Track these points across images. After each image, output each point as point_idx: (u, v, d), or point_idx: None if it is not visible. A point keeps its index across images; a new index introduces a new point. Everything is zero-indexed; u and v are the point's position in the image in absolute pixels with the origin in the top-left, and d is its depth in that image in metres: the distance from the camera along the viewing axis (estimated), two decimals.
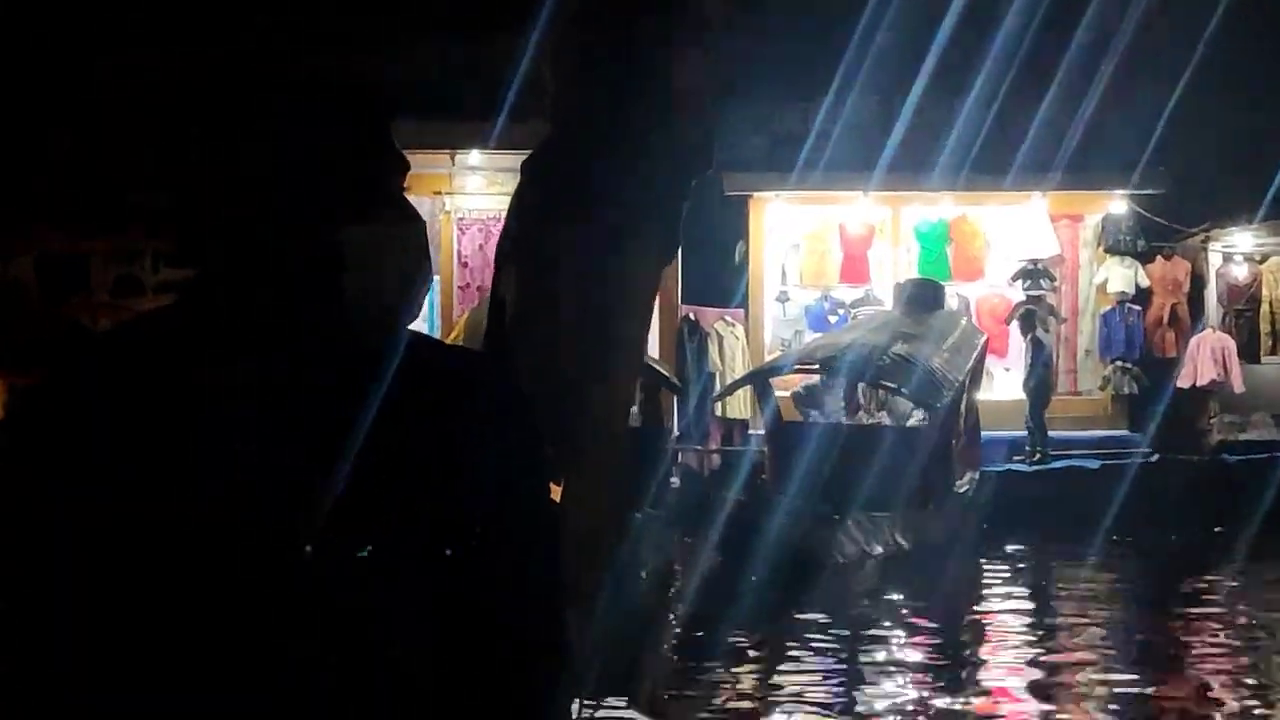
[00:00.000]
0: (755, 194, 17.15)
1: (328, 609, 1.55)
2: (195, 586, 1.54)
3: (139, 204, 11.75)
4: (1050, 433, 15.52)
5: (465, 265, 16.68)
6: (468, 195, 16.63)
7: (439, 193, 16.48)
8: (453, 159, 15.78)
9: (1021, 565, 12.25)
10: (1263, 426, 16.69)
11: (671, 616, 8.54)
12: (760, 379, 12.62)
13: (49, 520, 1.55)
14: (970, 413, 12.27)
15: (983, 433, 14.12)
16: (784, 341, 17.42)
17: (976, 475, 12.26)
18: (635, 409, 13.15)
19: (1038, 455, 15.16)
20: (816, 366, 12.79)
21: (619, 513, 9.02)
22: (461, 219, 16.65)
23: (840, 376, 12.91)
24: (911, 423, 14.70)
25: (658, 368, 12.45)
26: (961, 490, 11.93)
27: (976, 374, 12.48)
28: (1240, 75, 16.92)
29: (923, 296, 12.95)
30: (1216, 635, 9.49)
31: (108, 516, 1.53)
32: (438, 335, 14.27)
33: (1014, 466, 14.87)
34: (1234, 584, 11.59)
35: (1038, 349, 15.24)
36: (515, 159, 14.02)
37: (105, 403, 1.58)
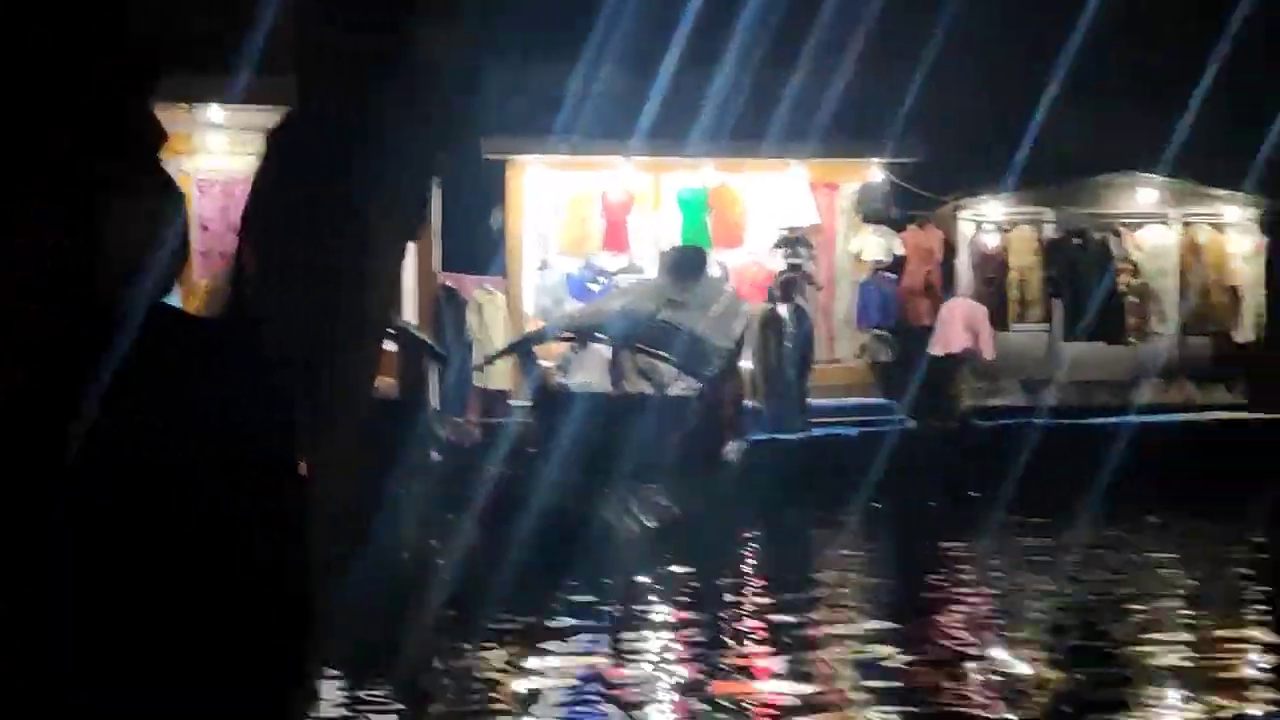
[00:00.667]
0: (514, 158, 16.69)
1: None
2: None
3: None
4: (810, 401, 15.53)
5: (206, 229, 15.71)
6: (209, 155, 15.67)
7: (177, 152, 15.47)
8: (191, 114, 14.79)
9: (785, 533, 12.15)
10: (1012, 393, 17.11)
11: (433, 596, 8.06)
12: (524, 348, 12.17)
13: None
14: (735, 381, 12.09)
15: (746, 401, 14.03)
16: (545, 310, 17.01)
17: (744, 444, 12.09)
18: (395, 379, 12.58)
19: (799, 424, 15.14)
20: (585, 334, 12.40)
21: (371, 485, 8.51)
22: (202, 180, 15.66)
23: (606, 344, 12.58)
24: (675, 392, 14.52)
25: (420, 336, 11.86)
26: (729, 459, 11.74)
27: (741, 342, 12.31)
28: (991, 45, 17.28)
29: (688, 264, 12.71)
30: (968, 596, 9.49)
31: None
32: (178, 301, 13.21)
33: (776, 435, 14.81)
34: (986, 546, 11.69)
35: (800, 317, 15.20)
36: (261, 116, 13.17)
37: None
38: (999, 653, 7.60)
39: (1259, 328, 17.47)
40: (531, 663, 7.04)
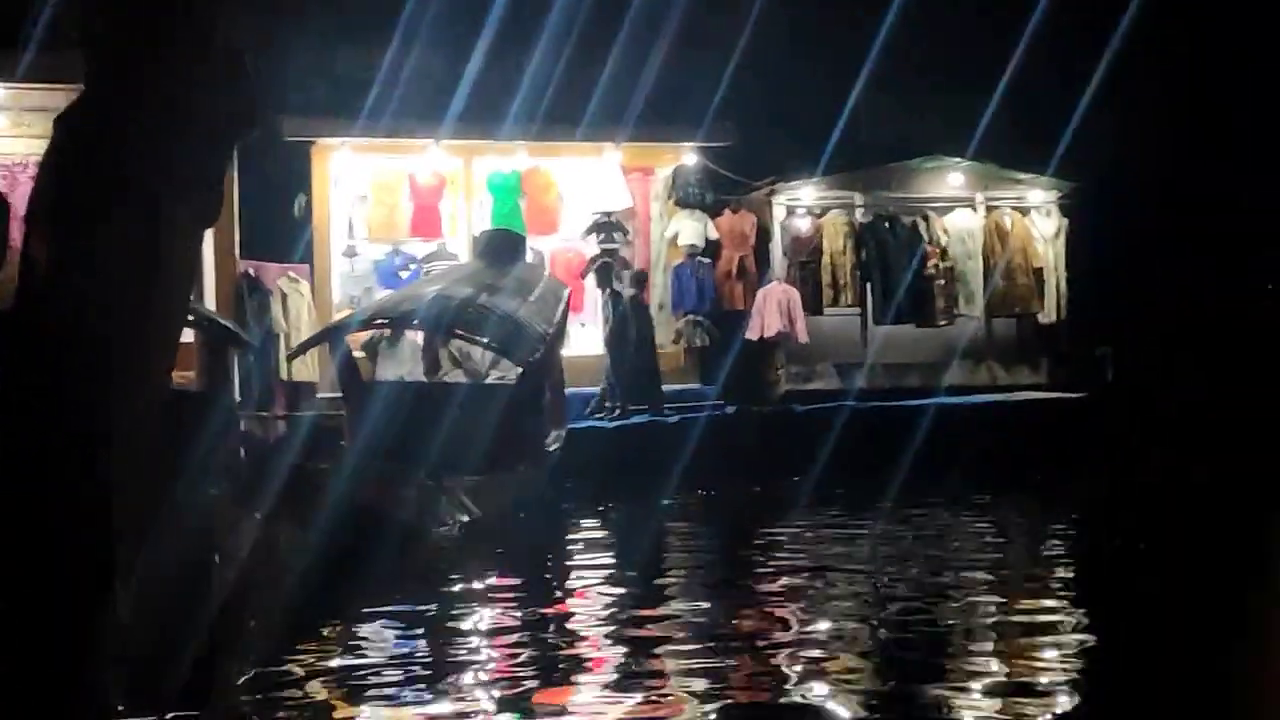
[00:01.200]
0: (318, 140, 16.07)
1: None
2: None
3: None
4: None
5: (12, 218, 14.73)
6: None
7: None
8: None
9: (607, 523, 11.92)
10: (826, 376, 17.19)
11: (244, 606, 7.58)
12: (336, 335, 11.65)
13: None
14: (555, 368, 11.79)
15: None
16: (353, 299, 16.47)
17: (563, 433, 11.81)
18: (196, 371, 11.97)
19: (617, 410, 14.94)
20: (397, 320, 11.92)
21: (163, 482, 7.95)
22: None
23: (420, 331, 12.16)
24: (491, 379, 14.17)
25: (223, 323, 11.25)
26: (551, 449, 11.44)
27: (561, 328, 12.00)
28: (802, 30, 17.33)
29: (504, 247, 12.34)
30: (783, 574, 9.39)
31: None
32: None
33: (594, 423, 14.60)
34: (802, 527, 11.66)
35: (615, 302, 14.98)
36: (46, 96, 12.35)
37: None
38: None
39: (1060, 309, 17.89)
40: (343, 673, 6.64)
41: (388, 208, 16.58)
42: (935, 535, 11.26)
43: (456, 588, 8.42)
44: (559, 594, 8.59)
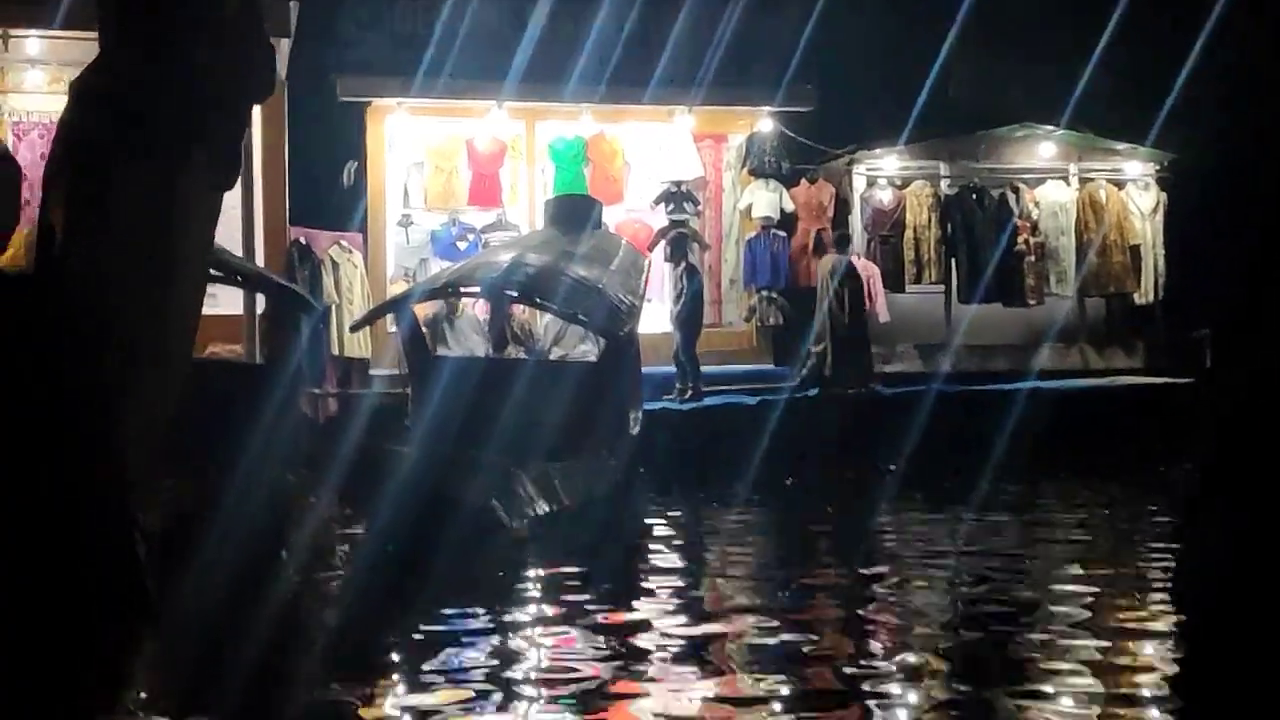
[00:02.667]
0: (374, 101, 15.15)
1: None
2: None
3: None
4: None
5: (24, 179, 13.89)
6: (25, 94, 13.86)
7: None
8: (5, 45, 13.01)
9: (690, 515, 10.91)
10: (908, 358, 16.17)
11: (320, 614, 6.72)
12: (402, 306, 10.70)
13: None
14: (635, 344, 10.85)
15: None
16: (408, 270, 15.58)
17: (640, 414, 10.85)
18: (261, 341, 11.09)
19: (690, 392, 13.98)
20: (471, 289, 10.94)
21: (220, 461, 7.08)
22: (18, 122, 13.88)
23: (490, 301, 11.25)
24: (557, 356, 13.27)
25: (291, 286, 10.33)
26: (634, 432, 10.48)
27: (643, 298, 11.02)
28: None
29: (579, 214, 11.35)
30: (879, 570, 8.39)
31: None
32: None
33: (667, 405, 13.64)
34: (899, 518, 10.68)
35: (691, 277, 14.00)
36: (85, 47, 11.44)
37: None
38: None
39: (1157, 289, 16.80)
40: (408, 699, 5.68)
41: (445, 174, 15.67)
42: (1039, 529, 10.28)
43: (537, 590, 7.47)
44: (644, 600, 7.61)
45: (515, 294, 10.41)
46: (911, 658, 5.90)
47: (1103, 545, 9.76)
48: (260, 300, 11.91)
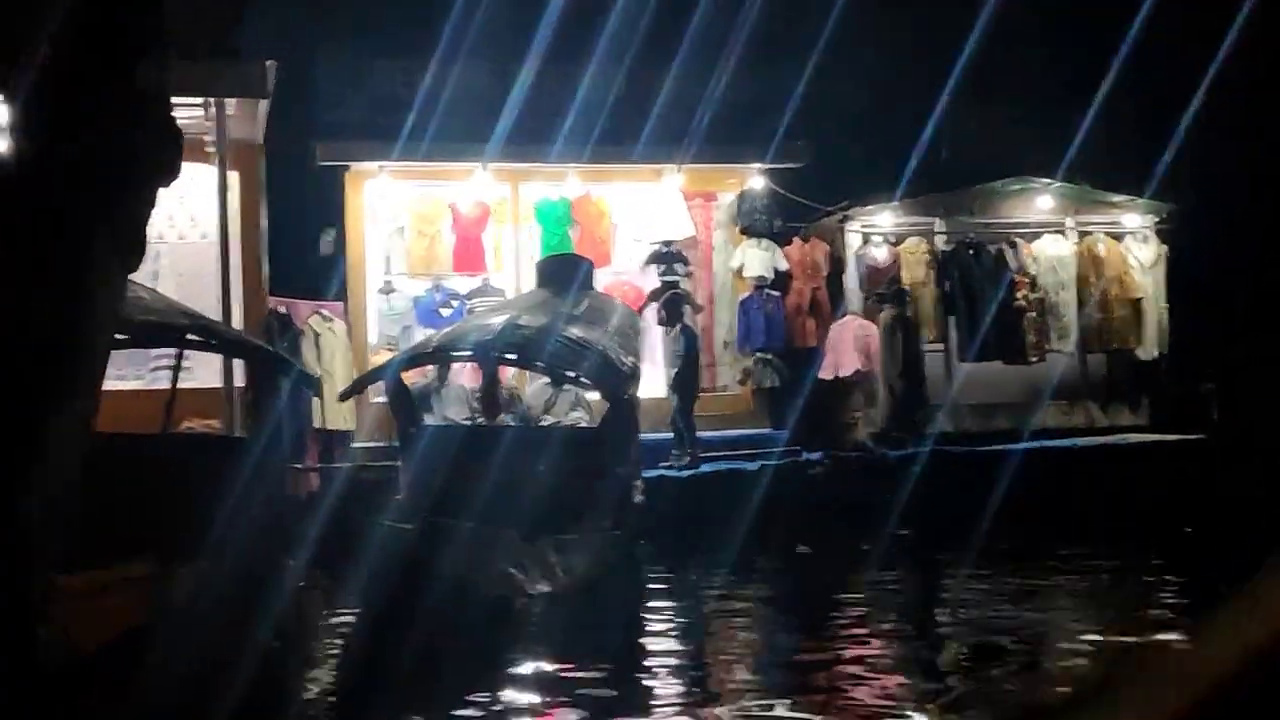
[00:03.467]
0: (353, 165, 14.70)
1: None
2: None
3: None
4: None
5: None
6: None
7: None
8: None
9: (703, 591, 10.35)
10: None
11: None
12: (391, 372, 10.16)
13: None
14: (636, 409, 10.35)
15: None
16: (390, 339, 15.05)
17: (641, 483, 10.32)
18: (243, 411, 10.54)
19: (688, 458, 13.47)
20: (467, 353, 10.40)
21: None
22: None
23: (484, 365, 10.77)
24: (548, 424, 12.75)
25: (272, 350, 9.80)
26: (638, 501, 9.93)
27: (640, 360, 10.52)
28: (879, 44, 15.97)
29: (571, 274, 10.88)
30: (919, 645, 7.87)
31: None
32: None
33: (664, 472, 13.11)
34: (919, 589, 10.20)
35: (688, 339, 13.53)
36: None
37: None
38: None
39: (1161, 343, 16.40)
40: None
41: (428, 239, 15.21)
42: (1064, 597, 9.79)
43: (535, 681, 6.89)
44: (651, 696, 7.04)
45: (512, 356, 9.90)
46: None
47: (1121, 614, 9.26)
48: (239, 373, 11.41)
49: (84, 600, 5.62)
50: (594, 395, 14.72)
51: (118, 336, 7.90)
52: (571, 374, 9.44)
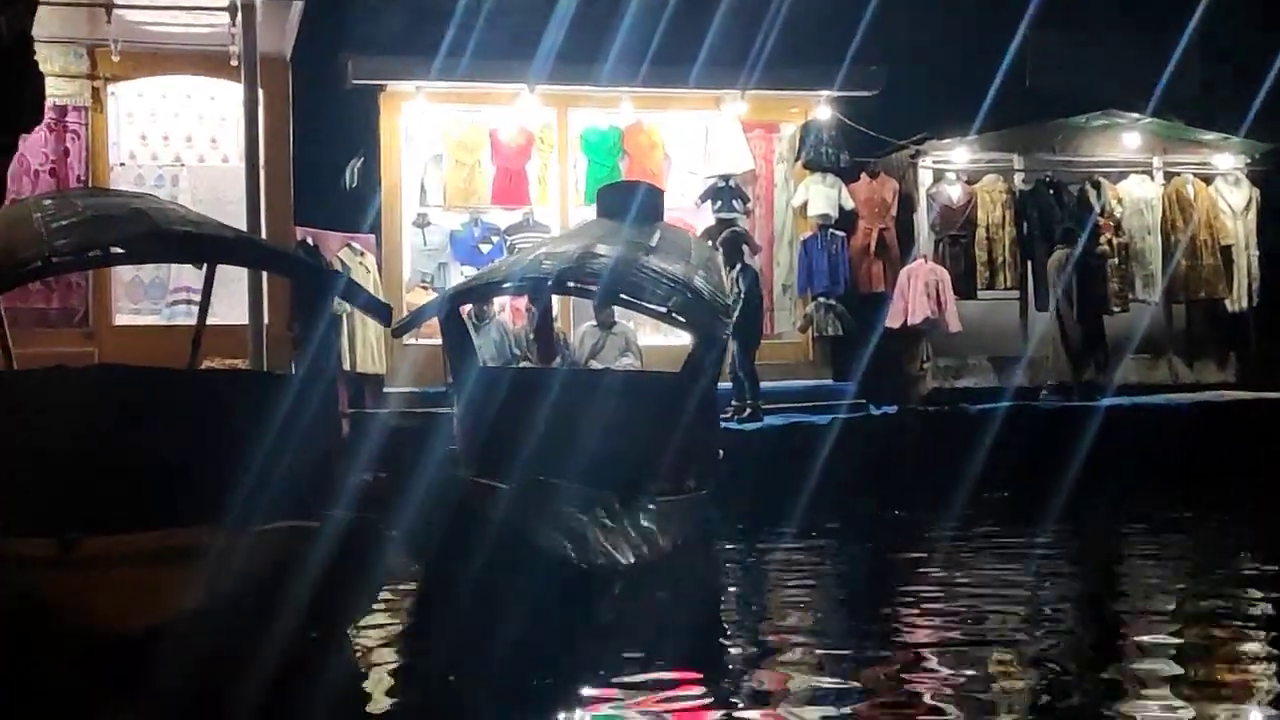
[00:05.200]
0: (389, 85, 13.50)
1: None
2: None
3: None
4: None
5: None
6: None
7: None
8: None
9: (792, 557, 9.26)
10: (980, 371, 14.57)
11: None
12: (446, 306, 8.98)
13: None
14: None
15: None
16: (425, 276, 13.94)
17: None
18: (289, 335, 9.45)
19: (748, 410, 12.37)
20: (536, 285, 9.17)
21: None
22: None
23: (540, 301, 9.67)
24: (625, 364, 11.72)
25: (309, 260, 8.63)
26: (721, 456, 8.82)
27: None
28: None
29: (641, 203, 9.69)
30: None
31: None
32: None
33: (725, 425, 11.99)
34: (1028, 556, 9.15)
35: (748, 282, 12.40)
36: (68, 17, 9.88)
37: None
38: None
39: (1251, 294, 15.23)
40: None
41: (467, 169, 14.03)
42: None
43: (627, 668, 5.81)
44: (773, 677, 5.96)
45: (594, 289, 8.73)
46: None
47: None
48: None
49: (118, 570, 4.58)
50: (647, 341, 13.73)
51: (153, 248, 6.72)
52: (661, 309, 8.28)
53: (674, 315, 8.28)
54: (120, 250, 6.03)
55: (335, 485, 6.23)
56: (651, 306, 8.33)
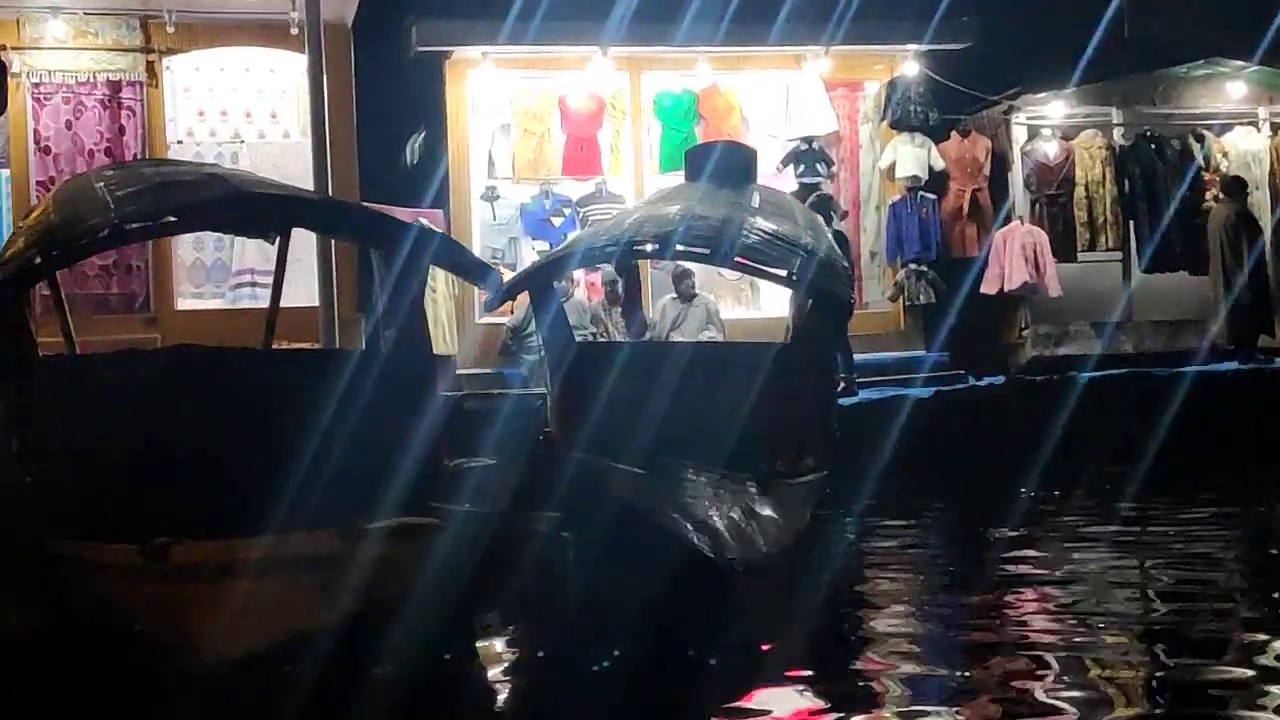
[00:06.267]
0: (455, 51, 12.85)
1: None
2: None
3: None
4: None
5: (47, 152, 11.72)
6: (44, 51, 11.65)
7: (2, 47, 11.48)
8: None
9: (931, 547, 8.56)
10: (1081, 339, 13.78)
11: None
12: (556, 273, 8.29)
13: None
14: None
15: None
16: (495, 252, 13.28)
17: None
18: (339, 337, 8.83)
19: (842, 384, 11.63)
20: (649, 248, 8.49)
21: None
22: (38, 84, 11.67)
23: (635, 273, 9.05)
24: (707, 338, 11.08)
25: (459, 245, 7.92)
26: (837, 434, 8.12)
27: None
28: None
29: (737, 165, 9.00)
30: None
31: None
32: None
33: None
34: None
35: (841, 246, 11.66)
36: None
37: None
38: None
39: None
40: None
41: (536, 138, 13.38)
42: None
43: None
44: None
45: (701, 253, 8.05)
46: None
47: None
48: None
49: (218, 582, 3.92)
50: (729, 314, 13.06)
51: (232, 213, 6.03)
52: (779, 272, 7.60)
53: (794, 278, 7.58)
54: (197, 215, 5.36)
55: (440, 475, 5.60)
56: (772, 270, 7.63)
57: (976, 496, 9.83)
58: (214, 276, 12.21)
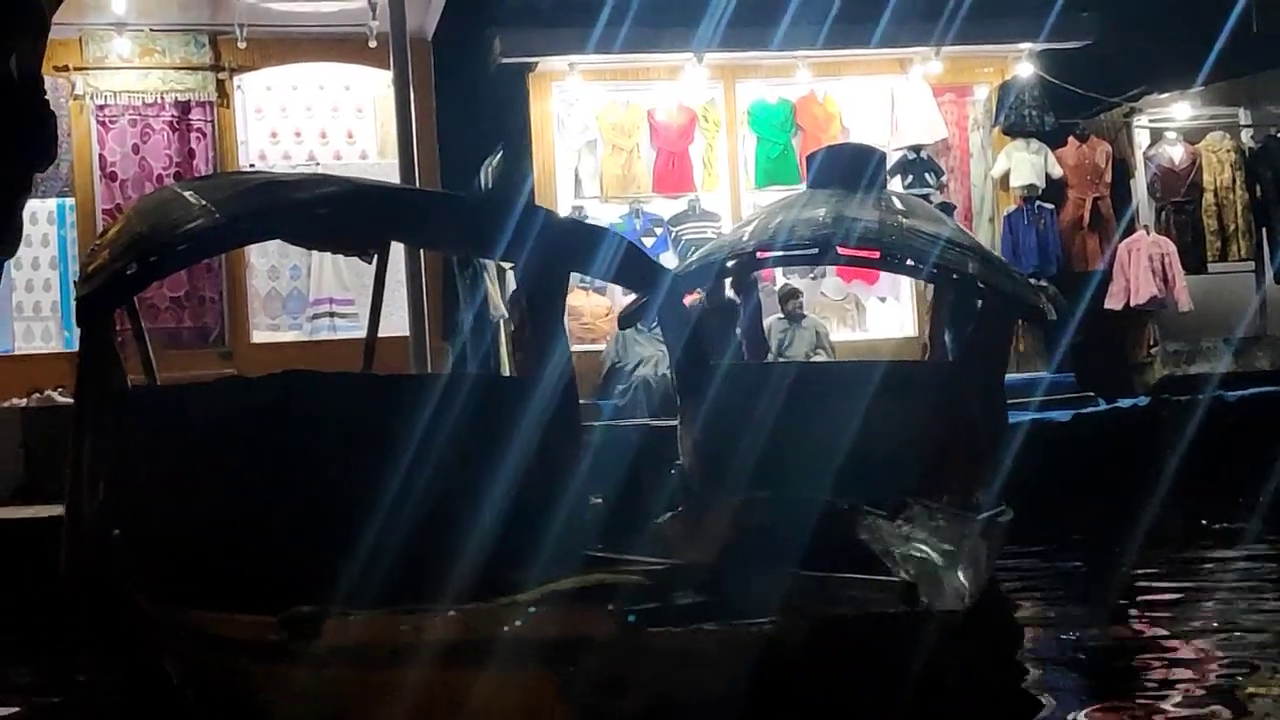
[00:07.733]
0: (540, 63, 12.09)
1: None
2: None
3: None
4: None
5: (113, 178, 11.03)
6: (108, 71, 10.97)
7: (64, 68, 10.81)
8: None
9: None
10: (1215, 356, 12.79)
11: None
12: (697, 283, 7.43)
13: None
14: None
15: None
16: (583, 278, 12.45)
17: None
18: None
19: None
20: (811, 251, 7.59)
21: None
22: (103, 106, 10.99)
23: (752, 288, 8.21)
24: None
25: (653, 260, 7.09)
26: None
27: None
28: None
29: (867, 169, 8.17)
30: None
31: None
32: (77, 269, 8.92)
33: None
34: None
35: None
36: (181, 10, 8.14)
37: None
38: None
39: None
40: None
41: (624, 154, 12.62)
42: None
43: None
44: None
45: (870, 258, 7.21)
46: None
47: None
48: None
49: (392, 668, 2.90)
50: (836, 336, 12.23)
51: (356, 210, 5.08)
52: (957, 276, 6.76)
53: (980, 284, 6.72)
54: (322, 210, 4.51)
55: (586, 518, 4.77)
56: (951, 275, 6.78)
57: (1138, 524, 8.88)
58: (290, 307, 11.47)
